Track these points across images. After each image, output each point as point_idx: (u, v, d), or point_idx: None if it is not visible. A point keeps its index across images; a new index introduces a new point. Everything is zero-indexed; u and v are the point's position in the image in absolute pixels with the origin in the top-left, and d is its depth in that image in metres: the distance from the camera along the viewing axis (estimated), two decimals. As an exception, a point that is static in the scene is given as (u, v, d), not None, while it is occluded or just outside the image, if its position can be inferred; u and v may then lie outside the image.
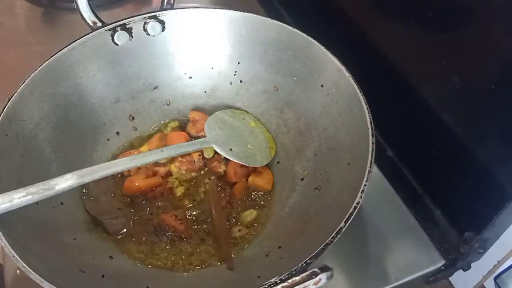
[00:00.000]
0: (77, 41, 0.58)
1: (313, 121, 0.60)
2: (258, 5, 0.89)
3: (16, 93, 0.52)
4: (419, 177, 0.60)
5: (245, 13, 0.62)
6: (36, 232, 0.48)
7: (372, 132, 0.49)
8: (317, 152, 0.58)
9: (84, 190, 0.58)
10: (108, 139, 0.64)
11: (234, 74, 0.66)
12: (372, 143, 0.48)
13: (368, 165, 0.46)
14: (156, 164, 0.61)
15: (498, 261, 0.58)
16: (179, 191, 0.60)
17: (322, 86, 0.58)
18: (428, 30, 0.52)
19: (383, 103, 0.55)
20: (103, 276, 0.49)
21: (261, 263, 0.51)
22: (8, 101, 0.52)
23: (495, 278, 0.60)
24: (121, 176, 0.60)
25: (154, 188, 0.59)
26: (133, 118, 0.66)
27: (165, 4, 0.63)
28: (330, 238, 0.41)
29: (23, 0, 0.89)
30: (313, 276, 0.36)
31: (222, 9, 0.62)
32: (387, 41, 0.60)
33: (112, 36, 0.60)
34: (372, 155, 0.47)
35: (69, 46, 0.57)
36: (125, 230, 0.56)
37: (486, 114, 0.48)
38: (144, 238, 0.56)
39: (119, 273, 0.52)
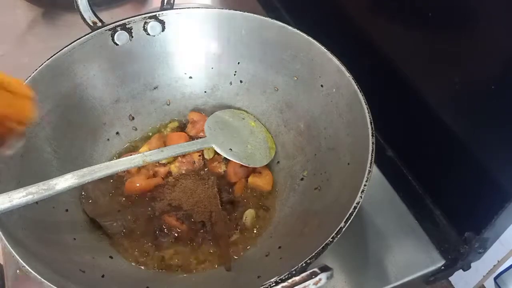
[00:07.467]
0: (77, 41, 0.58)
1: (313, 121, 0.60)
2: (258, 5, 0.89)
3: (16, 93, 0.52)
4: (419, 177, 0.60)
5: (245, 13, 0.62)
6: (36, 232, 0.48)
7: (372, 132, 0.49)
8: (317, 152, 0.58)
9: (82, 193, 0.58)
10: (108, 139, 0.64)
11: (234, 74, 0.66)
12: (372, 143, 0.48)
13: (368, 165, 0.46)
14: (156, 164, 0.61)
15: (498, 261, 0.58)
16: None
17: (322, 86, 0.58)
18: (428, 30, 0.52)
19: (383, 103, 0.55)
20: (103, 276, 0.49)
21: (261, 263, 0.51)
22: (8, 101, 0.52)
23: (495, 278, 0.60)
24: (121, 177, 0.60)
25: (154, 188, 0.59)
26: (133, 118, 0.66)
27: (165, 4, 0.63)
28: (330, 238, 0.42)
29: (23, 0, 0.89)
30: (313, 276, 0.36)
31: (222, 9, 0.62)
32: (387, 41, 0.60)
33: (112, 36, 0.60)
34: (372, 155, 0.47)
35: (69, 46, 0.57)
36: (125, 230, 0.56)
37: (486, 114, 0.48)
38: (144, 239, 0.56)
39: (119, 273, 0.52)
